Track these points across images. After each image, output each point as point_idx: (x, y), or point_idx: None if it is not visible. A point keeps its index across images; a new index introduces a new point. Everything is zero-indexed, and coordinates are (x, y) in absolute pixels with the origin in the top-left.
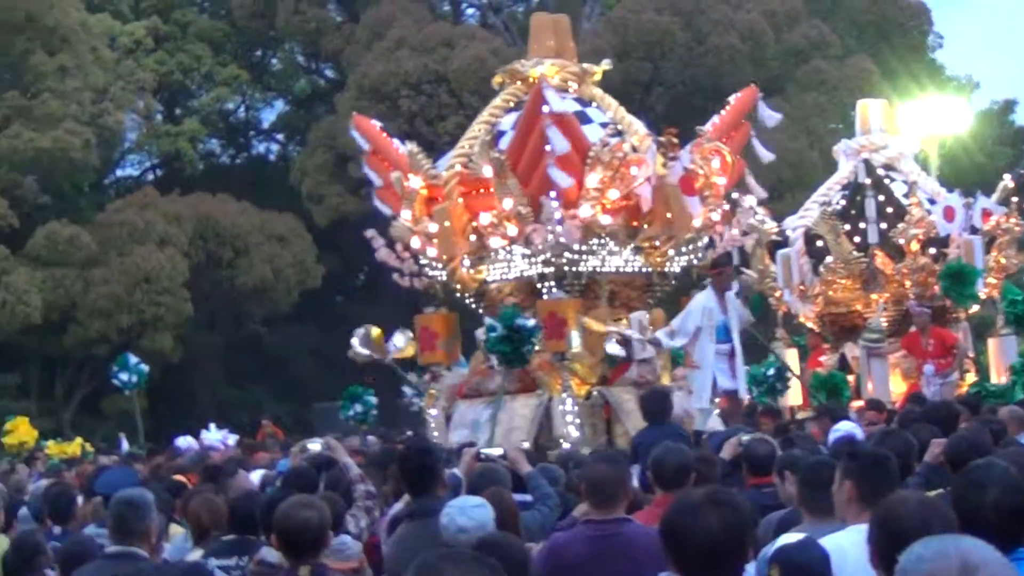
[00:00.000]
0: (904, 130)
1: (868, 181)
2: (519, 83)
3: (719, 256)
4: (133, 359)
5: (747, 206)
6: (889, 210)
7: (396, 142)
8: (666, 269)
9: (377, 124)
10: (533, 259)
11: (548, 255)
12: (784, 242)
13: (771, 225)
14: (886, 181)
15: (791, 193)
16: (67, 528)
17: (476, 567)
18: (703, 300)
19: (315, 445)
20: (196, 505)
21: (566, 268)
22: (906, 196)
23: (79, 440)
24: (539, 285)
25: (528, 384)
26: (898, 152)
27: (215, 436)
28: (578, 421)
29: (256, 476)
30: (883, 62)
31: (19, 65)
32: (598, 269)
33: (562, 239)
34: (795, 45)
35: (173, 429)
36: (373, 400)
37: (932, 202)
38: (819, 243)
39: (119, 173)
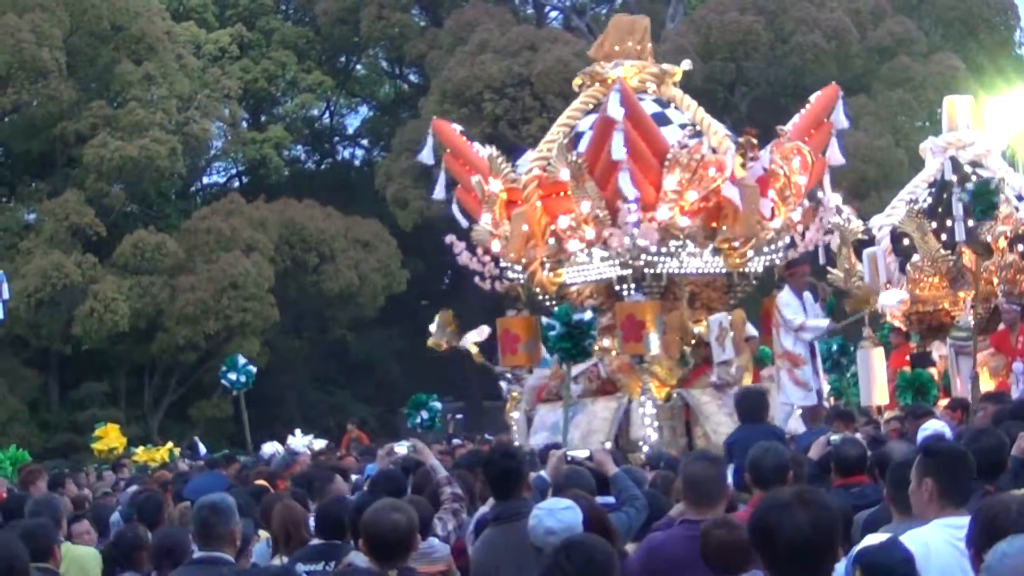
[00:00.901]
0: (991, 126)
1: (955, 178)
2: (598, 85)
3: (795, 257)
4: (241, 359)
5: (832, 205)
6: None
7: (476, 146)
8: (746, 269)
9: (457, 128)
10: (612, 261)
11: (626, 257)
12: (870, 241)
13: (857, 224)
14: (973, 178)
15: (877, 191)
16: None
17: None
18: (787, 299)
19: (402, 448)
20: (274, 512)
21: (645, 270)
22: None
23: (168, 446)
24: (618, 287)
25: (607, 387)
26: (985, 149)
27: (301, 441)
28: (657, 423)
29: None
30: (969, 58)
31: (105, 74)
32: (677, 271)
33: (639, 242)
34: (880, 42)
35: (259, 434)
36: (438, 406)
37: (1020, 198)
38: (906, 241)
39: (205, 180)
